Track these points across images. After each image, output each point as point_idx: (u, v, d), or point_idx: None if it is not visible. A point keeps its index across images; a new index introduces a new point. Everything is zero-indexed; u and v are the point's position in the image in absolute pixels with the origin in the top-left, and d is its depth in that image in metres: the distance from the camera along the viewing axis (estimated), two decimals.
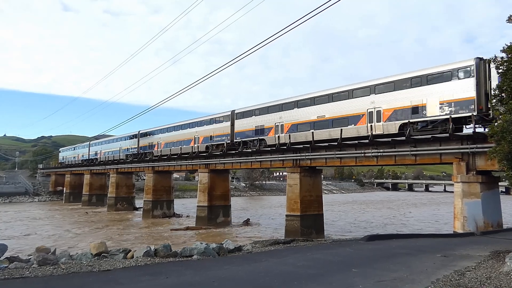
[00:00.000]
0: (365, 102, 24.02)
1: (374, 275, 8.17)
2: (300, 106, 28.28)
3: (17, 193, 71.62)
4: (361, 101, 24.24)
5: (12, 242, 24.39)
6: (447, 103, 20.24)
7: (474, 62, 19.44)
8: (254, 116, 32.10)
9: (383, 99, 23.10)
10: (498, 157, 11.20)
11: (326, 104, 26.44)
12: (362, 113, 24.08)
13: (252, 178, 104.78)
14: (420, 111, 21.33)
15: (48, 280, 7.76)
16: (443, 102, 20.40)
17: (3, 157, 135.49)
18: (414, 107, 21.52)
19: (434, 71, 21.17)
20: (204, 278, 7.95)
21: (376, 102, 23.44)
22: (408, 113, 21.84)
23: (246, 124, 32.76)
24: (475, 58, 19.61)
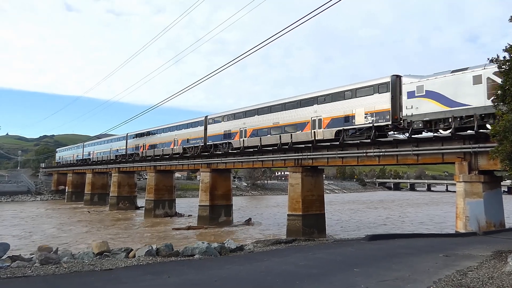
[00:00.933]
0: (309, 111, 27.45)
1: (376, 274, 8.16)
2: (260, 113, 31.70)
3: (20, 192, 71.81)
4: (307, 110, 27.66)
5: (14, 241, 24.47)
6: (370, 113, 23.62)
7: (390, 79, 22.89)
8: (223, 122, 35.90)
9: (323, 109, 26.54)
10: (501, 157, 11.15)
11: (280, 112, 29.84)
12: (307, 121, 27.53)
13: (253, 178, 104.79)
14: (350, 120, 24.74)
15: (50, 279, 7.78)
16: (367, 113, 23.75)
17: (6, 156, 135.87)
18: (346, 116, 24.99)
19: (361, 86, 24.63)
20: (206, 277, 7.96)
21: (318, 111, 26.94)
22: (341, 122, 25.26)
23: (216, 129, 36.49)
24: (391, 75, 22.99)
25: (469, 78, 19.51)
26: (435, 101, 20.85)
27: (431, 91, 21.03)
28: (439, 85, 20.71)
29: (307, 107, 27.78)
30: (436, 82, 20.94)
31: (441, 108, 20.41)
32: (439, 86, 20.73)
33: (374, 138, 22.87)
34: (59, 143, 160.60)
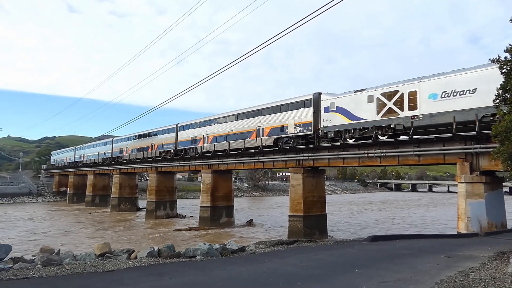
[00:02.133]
0: (256, 121, 31.76)
1: (377, 276, 8.15)
2: (218, 123, 36.40)
3: (21, 194, 71.85)
4: (253, 120, 32.01)
5: (16, 243, 24.49)
6: (298, 124, 28.07)
7: (312, 96, 27.38)
8: (190, 129, 40.48)
9: (266, 120, 30.93)
10: (502, 157, 11.15)
11: (233, 122, 34.31)
12: (254, 130, 31.82)
13: (255, 179, 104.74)
14: (284, 129, 29.12)
15: (52, 280, 7.79)
16: (297, 124, 28.22)
17: (7, 158, 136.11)
18: (282, 126, 29.41)
19: (292, 101, 29.05)
20: (207, 279, 7.97)
21: (261, 122, 31.27)
22: (278, 131, 29.64)
23: (185, 135, 41.09)
24: (313, 93, 27.48)
25: (365, 97, 23.92)
26: (342, 115, 25.28)
27: (340, 107, 25.41)
28: (346, 102, 25.09)
29: (253, 118, 32.20)
30: (344, 99, 25.23)
31: (346, 121, 24.87)
32: (345, 103, 25.09)
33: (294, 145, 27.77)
34: (61, 144, 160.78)
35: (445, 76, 20.23)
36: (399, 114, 21.98)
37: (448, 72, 20.35)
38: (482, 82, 18.46)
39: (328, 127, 25.89)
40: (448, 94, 19.91)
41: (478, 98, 18.59)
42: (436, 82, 20.53)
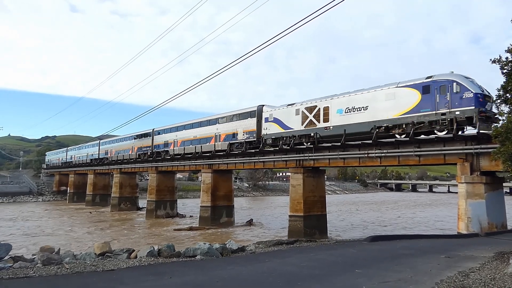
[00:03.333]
0: (214, 128, 36.50)
1: (378, 276, 8.15)
2: (186, 129, 41.14)
3: (21, 193, 71.88)
4: (212, 128, 36.77)
5: (16, 242, 24.52)
6: (246, 132, 32.61)
7: (256, 108, 31.87)
8: (164, 134, 45.26)
9: (221, 127, 35.50)
10: (503, 158, 11.15)
11: (197, 128, 39.15)
12: (212, 136, 36.45)
13: (255, 179, 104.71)
14: (236, 136, 33.60)
15: (52, 279, 7.80)
16: (245, 131, 32.71)
17: (8, 157, 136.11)
18: (233, 133, 33.92)
19: (241, 112, 33.75)
20: (207, 278, 7.96)
21: (218, 129, 35.93)
22: (231, 137, 34.09)
23: (159, 139, 46.00)
24: (257, 105, 32.06)
25: (294, 111, 28.51)
26: (278, 125, 29.75)
27: (276, 118, 29.91)
28: (280, 114, 29.63)
29: (212, 126, 36.92)
30: (279, 112, 29.86)
31: (280, 130, 29.38)
32: (280, 115, 29.64)
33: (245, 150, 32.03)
34: (61, 144, 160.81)
35: (348, 95, 24.89)
36: (316, 125, 26.56)
37: (351, 91, 25.01)
38: (372, 101, 23.32)
39: (267, 134, 30.51)
40: (350, 110, 24.54)
41: (369, 113, 23.30)
42: (342, 100, 25.18)
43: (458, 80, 19.81)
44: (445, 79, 20.31)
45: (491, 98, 18.78)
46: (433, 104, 20.49)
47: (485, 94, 19.42)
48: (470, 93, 19.19)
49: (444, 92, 20.11)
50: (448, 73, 20.81)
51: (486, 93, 19.64)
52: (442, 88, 20.26)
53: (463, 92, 19.42)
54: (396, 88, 22.40)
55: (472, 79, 20.41)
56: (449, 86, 19.96)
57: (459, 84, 19.62)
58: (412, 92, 21.55)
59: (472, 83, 19.71)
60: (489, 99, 19.29)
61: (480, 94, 19.16)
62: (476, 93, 19.05)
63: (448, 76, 20.41)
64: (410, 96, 21.60)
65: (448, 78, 20.25)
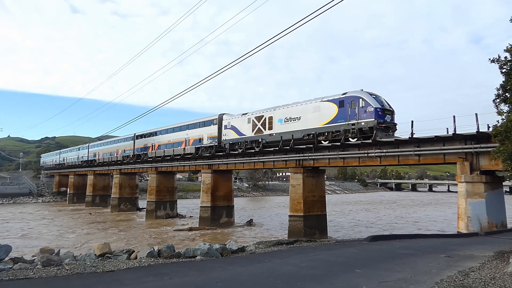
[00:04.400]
0: (184, 134, 41.05)
1: (378, 275, 8.15)
2: (162, 134, 45.66)
3: (21, 194, 71.81)
4: (183, 133, 41.29)
5: (16, 243, 24.50)
6: (210, 137, 37.05)
7: (218, 117, 36.22)
8: (143, 138, 49.73)
9: (190, 133, 39.97)
10: (502, 157, 11.14)
11: (171, 133, 43.71)
12: (183, 140, 40.94)
13: (255, 179, 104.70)
14: (202, 141, 37.97)
15: (52, 281, 7.79)
16: (209, 137, 37.17)
17: (7, 158, 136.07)
18: (200, 138, 38.29)
19: (206, 120, 38.14)
20: (207, 279, 7.96)
21: (188, 134, 40.36)
22: (198, 142, 38.53)
23: (140, 143, 50.39)
24: (219, 114, 36.50)
25: (246, 119, 32.77)
26: (234, 132, 33.99)
27: (233, 125, 34.18)
28: (236, 122, 33.97)
29: (183, 131, 41.36)
30: (235, 120, 34.15)
31: (236, 136, 33.56)
32: (236, 122, 33.98)
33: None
34: (61, 145, 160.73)
35: (287, 107, 29.24)
36: (263, 132, 30.85)
37: (290, 104, 29.26)
38: (304, 112, 27.64)
39: (226, 140, 34.70)
40: (288, 120, 28.88)
41: (302, 123, 27.58)
42: (282, 111, 29.49)
43: (363, 96, 23.89)
44: (355, 96, 24.47)
45: (391, 111, 24.06)
46: (346, 116, 24.72)
47: (384, 108, 23.56)
48: (371, 108, 23.31)
49: (354, 107, 24.33)
50: (358, 90, 24.78)
51: (387, 107, 23.90)
52: (352, 103, 24.46)
53: (366, 107, 23.57)
54: (321, 102, 26.66)
55: (376, 95, 24.43)
56: (357, 101, 24.13)
57: (364, 100, 23.74)
58: (331, 105, 25.85)
59: (375, 99, 23.72)
60: (388, 112, 23.75)
61: (379, 108, 23.31)
62: (376, 108, 23.23)
63: (357, 93, 24.47)
64: (330, 109, 25.89)
65: (357, 94, 24.36)
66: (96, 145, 64.92)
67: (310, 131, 26.87)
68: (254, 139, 31.72)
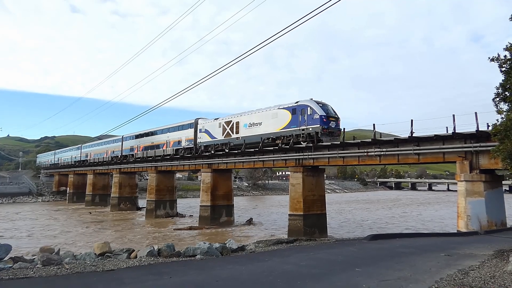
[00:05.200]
0: (165, 136, 44.67)
1: (378, 274, 8.16)
2: (146, 136, 49.47)
3: (21, 193, 71.76)
4: (164, 136, 44.94)
5: (16, 242, 24.51)
6: (187, 140, 40.59)
7: (194, 121, 39.86)
8: (130, 140, 53.47)
9: (170, 135, 43.73)
10: (502, 156, 11.14)
11: (154, 136, 47.57)
12: (164, 142, 44.65)
13: (254, 178, 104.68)
14: (180, 143, 41.56)
15: (52, 280, 7.79)
16: (186, 139, 40.70)
17: (7, 158, 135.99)
18: (179, 141, 41.96)
19: (184, 123, 41.78)
20: (207, 278, 7.97)
21: (169, 137, 44.04)
22: (177, 143, 42.06)
23: (127, 144, 54.32)
24: (195, 118, 40.05)
25: (217, 124, 36.20)
26: (207, 135, 37.42)
27: (206, 129, 37.64)
28: (209, 126, 37.40)
29: (164, 134, 44.85)
30: (209, 124, 37.60)
31: (209, 139, 37.03)
32: (209, 126, 37.39)
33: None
34: (60, 144, 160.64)
35: (250, 114, 32.53)
36: (232, 136, 33.99)
37: (253, 110, 32.50)
38: (264, 118, 31.03)
39: (200, 142, 38.18)
40: (251, 125, 32.12)
41: (262, 128, 30.90)
42: (247, 117, 32.76)
43: (311, 105, 27.14)
44: (304, 104, 27.56)
45: (336, 118, 27.39)
46: (297, 122, 27.86)
47: (329, 116, 26.79)
48: (317, 115, 26.51)
49: (304, 114, 27.43)
50: (308, 99, 27.81)
51: (332, 115, 27.15)
52: (302, 111, 27.55)
53: (313, 114, 26.77)
54: (278, 109, 29.79)
55: (324, 104, 27.61)
56: (306, 109, 27.29)
57: (311, 108, 26.97)
58: (286, 113, 28.99)
59: (321, 108, 26.84)
60: (333, 119, 27.02)
61: (324, 116, 26.48)
62: (321, 115, 26.47)
63: (307, 102, 27.57)
64: (285, 116, 29.04)
65: (306, 103, 27.50)
66: (88, 146, 69.03)
67: (270, 135, 30.15)
68: (224, 142, 35.03)
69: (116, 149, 56.53)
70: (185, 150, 40.33)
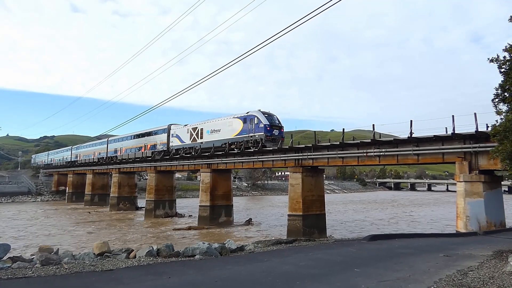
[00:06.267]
0: (144, 140, 48.79)
1: (377, 275, 8.16)
2: (128, 139, 53.21)
3: (20, 193, 71.70)
4: (143, 139, 49.00)
5: (15, 242, 24.49)
6: (161, 144, 44.71)
7: (167, 126, 44.05)
8: (114, 143, 57.60)
9: (148, 139, 47.73)
10: (501, 156, 11.13)
11: (134, 139, 51.23)
12: (142, 145, 48.58)
13: (254, 178, 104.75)
14: (156, 146, 45.62)
15: (51, 279, 7.78)
16: (161, 143, 44.84)
17: (6, 157, 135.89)
18: (154, 144, 45.98)
19: (159, 129, 45.95)
20: (206, 278, 7.96)
21: (146, 141, 47.92)
22: (153, 147, 46.19)
23: (112, 147, 57.87)
24: (168, 124, 44.40)
25: (186, 129, 40.55)
26: (178, 139, 41.59)
27: (177, 134, 41.77)
28: (179, 132, 41.59)
29: (143, 138, 49.02)
30: (179, 129, 41.87)
31: (179, 143, 41.13)
32: (179, 132, 41.61)
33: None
34: (60, 143, 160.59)
35: (212, 121, 37.18)
36: (197, 140, 38.35)
37: (215, 118, 37.43)
38: (222, 126, 35.40)
39: (172, 146, 42.44)
40: (212, 131, 36.50)
41: (221, 134, 35.09)
42: (209, 124, 37.26)
43: (258, 115, 31.26)
44: (252, 115, 31.78)
45: (279, 127, 31.63)
46: (247, 130, 32.00)
47: (272, 125, 30.91)
48: (262, 124, 30.67)
49: (252, 123, 31.57)
50: (256, 110, 31.94)
51: (276, 124, 31.41)
52: (251, 120, 31.71)
53: (259, 123, 30.91)
54: (233, 118, 34.16)
55: (269, 114, 31.90)
56: (254, 119, 31.49)
57: (258, 118, 31.17)
58: (239, 121, 33.20)
59: (266, 118, 31.02)
60: (276, 128, 31.17)
61: (268, 125, 30.59)
62: (265, 124, 30.50)
63: (255, 112, 31.77)
64: (238, 124, 33.23)
65: (254, 114, 31.68)
66: (77, 148, 73.61)
67: (227, 140, 34.07)
68: (191, 146, 39.05)
69: (102, 151, 60.39)
70: (159, 152, 44.50)
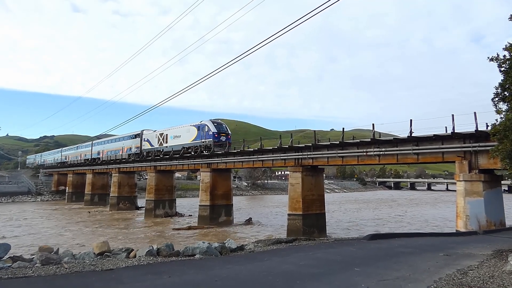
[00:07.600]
0: (121, 143, 54.17)
1: (376, 274, 8.16)
2: (109, 143, 59.11)
3: (20, 193, 71.67)
4: (120, 143, 54.48)
5: (15, 242, 24.48)
6: (135, 147, 50.15)
7: (140, 132, 50.04)
8: (97, 145, 63.10)
9: (125, 143, 53.29)
10: (501, 156, 11.14)
11: (113, 143, 57.20)
12: (120, 148, 53.93)
13: (254, 177, 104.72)
14: (131, 149, 50.85)
15: (51, 279, 7.78)
16: (135, 147, 50.30)
17: (6, 157, 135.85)
18: (130, 147, 51.20)
19: (133, 133, 51.58)
20: (206, 277, 7.96)
21: (124, 144, 53.49)
22: (129, 149, 51.39)
23: (95, 149, 63.31)
24: (141, 130, 50.30)
25: (155, 135, 46.53)
26: (148, 143, 47.73)
27: (148, 139, 47.98)
28: (149, 136, 47.78)
29: (121, 141, 54.56)
30: (150, 134, 47.95)
31: (150, 147, 47.23)
32: (149, 137, 47.76)
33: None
34: (59, 143, 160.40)
35: (175, 128, 43.55)
36: (163, 144, 44.25)
37: (177, 126, 43.43)
38: (182, 132, 41.63)
39: (144, 149, 48.59)
40: (175, 137, 42.62)
41: (181, 139, 41.23)
42: (172, 131, 43.46)
43: (208, 124, 37.71)
44: (204, 123, 38.09)
45: (226, 134, 37.67)
46: (200, 137, 38.24)
47: (220, 132, 37.11)
48: (211, 132, 36.98)
49: (204, 131, 37.81)
50: (207, 120, 38.38)
51: (223, 131, 37.59)
52: (203, 128, 38.06)
53: (209, 131, 37.18)
54: (190, 126, 40.43)
55: (218, 123, 38.57)
56: (205, 127, 37.83)
57: (208, 126, 37.55)
58: (194, 129, 39.51)
59: (215, 126, 37.35)
60: (223, 135, 37.20)
61: (216, 132, 36.80)
62: (214, 132, 36.87)
63: (206, 122, 38.21)
64: (194, 131, 39.47)
65: (205, 123, 38.06)
66: (67, 150, 79.03)
67: (185, 145, 40.08)
68: (159, 149, 44.84)
69: (87, 153, 65.42)
70: (134, 155, 49.81)
